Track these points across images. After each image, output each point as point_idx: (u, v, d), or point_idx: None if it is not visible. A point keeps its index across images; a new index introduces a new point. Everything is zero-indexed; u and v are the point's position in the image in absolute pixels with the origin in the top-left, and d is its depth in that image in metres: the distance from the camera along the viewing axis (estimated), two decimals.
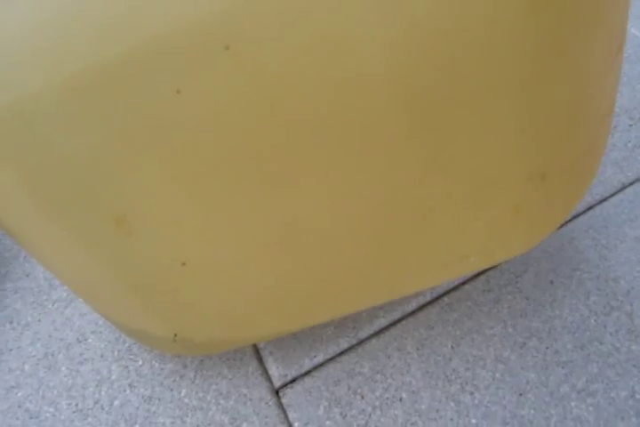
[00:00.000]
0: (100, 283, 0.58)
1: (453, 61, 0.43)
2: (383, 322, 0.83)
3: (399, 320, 0.84)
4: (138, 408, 0.77)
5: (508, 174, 0.55)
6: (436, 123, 0.47)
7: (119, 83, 0.39)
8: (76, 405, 0.78)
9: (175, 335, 0.65)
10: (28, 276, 0.91)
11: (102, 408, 0.78)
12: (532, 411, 0.73)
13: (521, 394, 0.75)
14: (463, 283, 0.87)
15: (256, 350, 0.82)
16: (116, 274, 0.56)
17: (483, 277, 0.87)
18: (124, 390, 0.79)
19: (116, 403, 0.78)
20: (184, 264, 0.54)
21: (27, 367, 0.82)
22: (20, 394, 0.80)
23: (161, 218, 0.49)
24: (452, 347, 0.80)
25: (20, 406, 0.79)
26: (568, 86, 0.50)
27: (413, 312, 0.84)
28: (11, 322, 0.88)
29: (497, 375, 0.77)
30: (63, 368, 0.82)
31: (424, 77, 0.43)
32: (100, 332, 0.85)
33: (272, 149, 0.45)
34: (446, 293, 0.86)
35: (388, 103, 0.44)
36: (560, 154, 0.57)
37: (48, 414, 0.78)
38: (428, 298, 0.85)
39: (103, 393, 0.79)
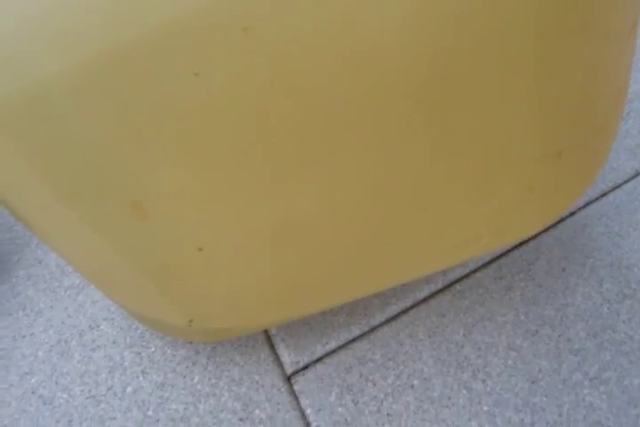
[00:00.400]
0: (113, 269, 0.58)
1: (468, 37, 0.42)
2: (395, 309, 0.83)
3: (411, 307, 0.84)
4: (150, 395, 0.78)
5: (524, 152, 0.54)
6: (448, 101, 0.47)
7: (135, 66, 0.39)
8: (90, 391, 0.79)
9: (190, 322, 0.65)
10: (40, 263, 0.92)
11: (115, 395, 0.78)
12: (545, 398, 0.73)
13: (533, 382, 0.75)
14: (475, 270, 0.87)
15: (268, 337, 0.82)
16: (131, 260, 0.56)
17: (494, 265, 0.87)
18: (137, 377, 0.80)
19: (129, 389, 0.79)
20: (200, 250, 0.54)
21: (40, 354, 0.83)
22: (33, 380, 0.81)
23: (177, 202, 0.49)
24: (464, 334, 0.80)
25: (33, 393, 0.79)
26: (583, 63, 0.50)
27: (425, 299, 0.84)
28: (24, 309, 0.88)
29: (509, 363, 0.77)
30: (76, 355, 0.82)
31: (437, 55, 0.43)
32: (113, 319, 0.85)
33: (288, 131, 0.44)
34: (458, 280, 0.86)
35: (402, 82, 0.44)
36: (575, 131, 0.56)
37: (62, 400, 0.78)
38: (440, 285, 0.85)
39: (116, 380, 0.80)
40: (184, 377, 0.79)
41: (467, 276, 0.86)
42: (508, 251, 0.88)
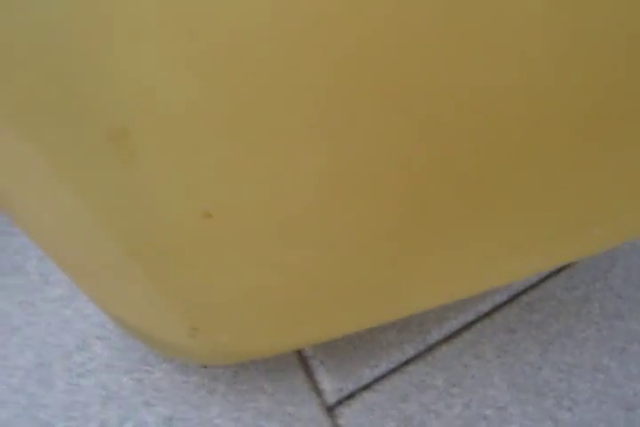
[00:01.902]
0: (91, 252, 0.40)
1: None
2: (454, 325, 0.69)
3: (473, 322, 0.70)
4: None
5: None
6: None
7: None
8: None
9: (193, 331, 0.48)
10: (17, 270, 0.75)
11: None
12: None
13: (629, 409, 0.61)
14: (543, 280, 0.74)
15: (303, 359, 0.67)
16: (112, 233, 0.37)
17: (564, 274, 0.74)
18: (138, 410, 0.63)
19: (129, 425, 0.62)
20: (208, 216, 0.36)
21: (13, 381, 0.66)
22: (4, 415, 0.63)
23: (176, 132, 0.32)
24: (540, 354, 0.66)
25: None
26: None
27: (489, 313, 0.70)
28: None
29: (597, 387, 0.64)
30: (60, 382, 0.66)
31: None
32: (108, 338, 0.69)
33: None
34: (525, 291, 0.72)
35: None
36: None
37: None
38: (505, 297, 0.72)
39: (111, 413, 0.63)
40: (199, 409, 0.63)
41: (534, 286, 0.73)
42: None
